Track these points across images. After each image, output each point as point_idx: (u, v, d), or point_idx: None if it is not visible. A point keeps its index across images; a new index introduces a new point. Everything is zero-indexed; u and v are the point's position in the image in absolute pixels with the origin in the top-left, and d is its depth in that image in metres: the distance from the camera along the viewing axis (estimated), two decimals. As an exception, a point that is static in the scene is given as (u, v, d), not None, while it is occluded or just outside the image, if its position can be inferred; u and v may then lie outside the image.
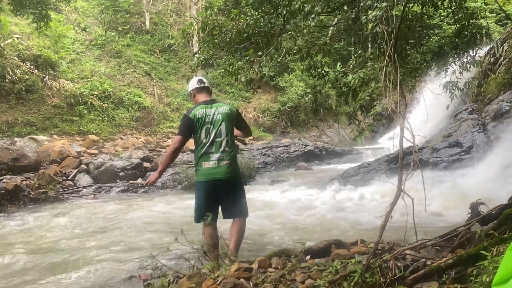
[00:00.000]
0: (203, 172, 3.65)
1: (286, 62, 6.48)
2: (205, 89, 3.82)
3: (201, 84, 3.80)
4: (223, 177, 3.62)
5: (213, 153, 3.60)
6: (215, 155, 3.61)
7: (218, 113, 3.65)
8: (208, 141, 3.60)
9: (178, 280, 3.22)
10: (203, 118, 3.60)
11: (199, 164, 3.68)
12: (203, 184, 3.68)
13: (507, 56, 11.55)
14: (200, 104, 3.69)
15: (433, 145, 9.57)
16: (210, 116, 3.62)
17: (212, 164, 3.61)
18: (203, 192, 3.70)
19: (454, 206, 6.24)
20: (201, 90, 3.80)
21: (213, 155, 3.61)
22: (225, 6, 6.77)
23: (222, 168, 3.61)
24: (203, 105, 3.67)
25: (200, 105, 3.68)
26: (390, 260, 2.61)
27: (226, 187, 3.68)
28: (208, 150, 3.61)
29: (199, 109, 3.64)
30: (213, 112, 3.64)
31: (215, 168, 3.61)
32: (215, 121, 3.62)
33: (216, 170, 3.61)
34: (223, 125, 3.63)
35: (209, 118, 3.61)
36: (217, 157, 3.61)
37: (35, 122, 14.98)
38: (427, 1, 5.58)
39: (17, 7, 11.70)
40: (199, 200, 3.74)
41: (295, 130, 21.35)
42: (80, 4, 21.53)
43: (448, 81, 6.14)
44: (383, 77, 3.48)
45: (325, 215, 6.55)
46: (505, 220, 3.06)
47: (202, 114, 3.62)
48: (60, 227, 6.16)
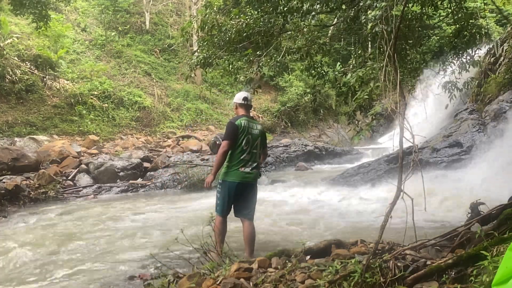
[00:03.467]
0: (239, 174, 4.17)
1: (286, 62, 6.49)
2: (247, 106, 4.41)
3: (245, 101, 4.39)
4: (252, 181, 4.28)
5: (249, 160, 4.21)
6: (250, 162, 4.21)
7: (256, 129, 4.32)
8: (247, 149, 4.19)
9: (178, 280, 3.22)
10: (246, 129, 4.21)
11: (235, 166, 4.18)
12: (234, 184, 4.18)
13: (507, 56, 11.55)
14: (242, 117, 4.29)
15: (433, 145, 9.56)
16: (252, 129, 4.26)
17: (248, 169, 4.20)
18: (232, 190, 4.19)
19: (454, 206, 6.24)
20: (243, 106, 4.39)
21: (249, 162, 4.21)
22: (225, 6, 6.75)
23: (253, 174, 4.26)
24: (245, 118, 4.27)
25: (243, 117, 4.28)
26: (390, 260, 2.61)
27: (251, 189, 4.31)
28: (246, 157, 4.19)
29: (242, 120, 4.23)
30: (253, 127, 4.30)
31: (249, 173, 4.21)
32: (254, 135, 4.26)
33: (249, 175, 4.22)
34: (259, 140, 4.31)
35: (250, 131, 4.24)
36: (251, 164, 4.22)
37: (35, 122, 14.98)
38: (426, 1, 5.58)
39: (17, 7, 11.69)
40: (226, 196, 4.22)
41: (295, 130, 21.35)
42: (80, 4, 21.52)
43: (447, 81, 6.14)
44: (383, 77, 3.48)
45: (325, 215, 6.54)
46: (505, 220, 3.06)
47: (246, 125, 4.22)
48: (60, 227, 6.15)
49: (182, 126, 19.05)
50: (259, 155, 4.37)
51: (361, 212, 6.65)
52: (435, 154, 9.14)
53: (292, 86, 21.60)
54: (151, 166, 11.10)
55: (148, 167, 11.06)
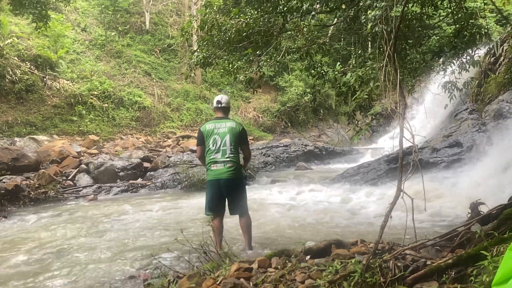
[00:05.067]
0: (212, 172, 4.42)
1: (286, 62, 6.49)
2: (222, 108, 4.63)
3: (218, 104, 4.62)
4: (229, 176, 4.39)
5: (220, 158, 4.38)
6: (221, 159, 4.38)
7: (224, 127, 4.46)
8: (215, 148, 4.40)
9: (178, 280, 3.21)
10: (211, 130, 4.44)
11: (209, 166, 4.44)
12: (211, 182, 4.44)
13: (507, 56, 11.55)
14: (211, 120, 4.57)
15: (433, 145, 9.56)
16: (218, 129, 4.44)
17: (220, 166, 4.38)
18: (212, 189, 4.44)
19: (454, 206, 6.24)
20: (218, 109, 4.63)
21: (220, 159, 4.38)
22: (225, 5, 6.75)
23: (228, 170, 4.38)
24: (213, 121, 4.54)
25: (211, 121, 4.57)
26: (390, 260, 2.61)
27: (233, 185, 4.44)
28: (215, 155, 4.40)
29: (208, 124, 4.53)
30: (220, 126, 4.46)
31: (222, 170, 4.38)
32: (221, 133, 4.43)
33: (223, 172, 4.38)
34: (227, 136, 4.43)
35: (216, 131, 4.44)
36: (222, 161, 4.38)
37: (35, 122, 14.99)
38: (426, 1, 5.58)
39: (17, 7, 11.67)
40: (208, 194, 4.49)
41: (295, 130, 21.35)
42: (80, 4, 21.51)
43: (447, 81, 6.14)
44: (383, 77, 3.48)
45: (325, 215, 6.54)
46: (505, 220, 3.05)
47: (210, 127, 4.46)
48: (60, 227, 6.15)
49: (182, 126, 19.06)
50: (234, 150, 4.44)
51: (361, 212, 6.65)
52: (435, 154, 9.13)
53: (292, 86, 21.59)
54: (151, 166, 11.10)
55: (148, 167, 11.06)
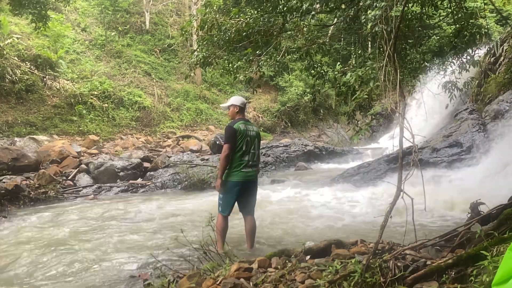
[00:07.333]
0: (241, 174, 4.44)
1: (286, 62, 6.49)
2: (243, 109, 4.71)
3: (243, 105, 4.70)
4: (254, 179, 4.59)
5: (250, 160, 4.50)
6: (250, 162, 4.50)
7: (253, 130, 4.60)
8: (247, 150, 4.47)
9: (178, 280, 3.22)
10: (244, 132, 4.47)
11: (237, 167, 4.43)
12: (238, 183, 4.44)
13: (507, 56, 11.55)
14: (239, 120, 4.55)
15: (433, 145, 9.56)
16: (249, 131, 4.52)
17: (249, 169, 4.49)
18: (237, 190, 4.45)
19: (454, 206, 6.24)
20: (242, 110, 4.68)
21: (250, 162, 4.50)
22: (225, 5, 6.75)
23: (254, 173, 4.57)
24: (242, 122, 4.53)
25: (240, 121, 4.54)
26: (390, 260, 2.61)
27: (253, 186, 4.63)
28: (246, 158, 4.46)
29: (240, 123, 4.49)
30: (250, 129, 4.56)
31: (250, 172, 4.51)
32: (252, 136, 4.54)
33: (251, 174, 4.52)
34: (256, 141, 4.60)
35: (248, 133, 4.51)
36: (251, 164, 4.51)
37: (35, 122, 14.98)
38: (426, 1, 5.58)
39: (16, 7, 11.66)
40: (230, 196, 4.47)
41: (295, 130, 21.35)
42: (80, 4, 21.51)
43: (447, 81, 6.14)
44: (383, 77, 3.48)
45: (325, 214, 6.54)
46: (505, 220, 3.05)
47: (243, 128, 4.48)
48: (60, 227, 6.15)
49: (182, 126, 19.05)
50: (257, 155, 4.64)
51: (361, 212, 6.65)
52: (435, 154, 9.14)
53: (292, 86, 21.59)
54: (151, 166, 11.09)
55: (148, 167, 11.06)
